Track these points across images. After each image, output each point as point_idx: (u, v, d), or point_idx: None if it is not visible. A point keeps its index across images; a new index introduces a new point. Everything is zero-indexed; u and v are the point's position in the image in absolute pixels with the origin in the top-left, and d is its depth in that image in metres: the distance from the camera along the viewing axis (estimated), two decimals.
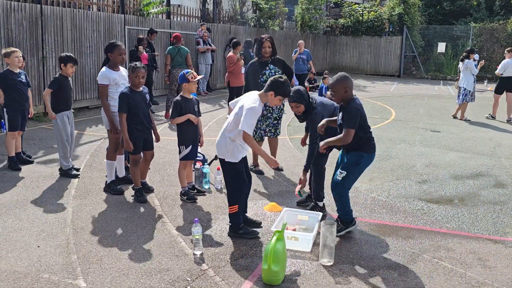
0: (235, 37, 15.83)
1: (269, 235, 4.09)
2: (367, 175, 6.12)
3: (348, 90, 3.85)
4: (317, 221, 4.07)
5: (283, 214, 4.22)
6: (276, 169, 5.99)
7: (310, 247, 3.83)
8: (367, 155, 4.00)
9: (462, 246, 4.04)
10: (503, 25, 21.73)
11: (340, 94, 3.86)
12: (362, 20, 23.48)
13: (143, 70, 4.86)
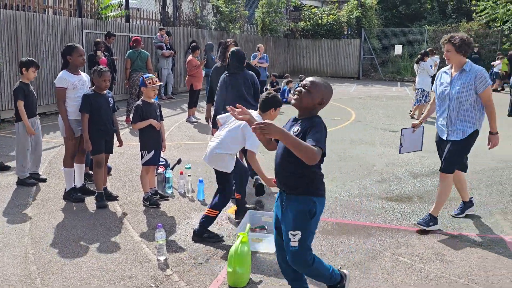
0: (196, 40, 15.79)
1: (234, 238, 4.09)
2: (329, 176, 6.24)
3: (324, 103, 2.90)
4: None
5: (247, 216, 4.24)
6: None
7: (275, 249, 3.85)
8: (320, 199, 2.86)
9: (421, 242, 4.18)
10: (455, 28, 22.61)
11: (314, 100, 2.82)
12: (321, 23, 23.89)
13: (109, 73, 4.90)
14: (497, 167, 6.89)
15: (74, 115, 4.95)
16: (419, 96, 11.21)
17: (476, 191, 5.70)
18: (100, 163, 4.93)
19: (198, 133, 9.04)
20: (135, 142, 6.17)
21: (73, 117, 4.96)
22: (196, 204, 5.12)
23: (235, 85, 5.25)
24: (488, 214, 4.94)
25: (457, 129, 4.41)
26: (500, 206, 5.17)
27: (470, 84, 4.25)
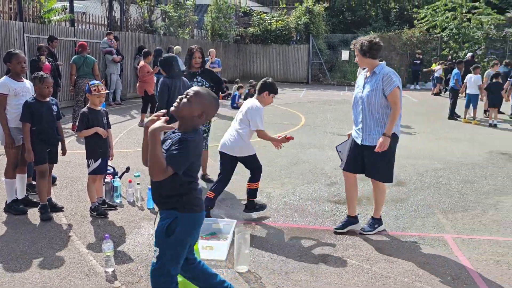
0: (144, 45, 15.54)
1: None
2: (279, 180, 6.32)
3: (204, 117, 2.62)
4: (232, 229, 4.10)
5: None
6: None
7: (226, 255, 3.85)
8: (187, 216, 2.63)
9: (368, 243, 4.30)
10: (398, 34, 23.54)
11: (192, 111, 2.59)
12: (270, 29, 24.16)
13: (51, 79, 4.72)
14: (439, 168, 7.21)
15: (15, 123, 4.73)
16: None
17: (419, 192, 5.94)
18: (43, 174, 4.73)
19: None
20: (82, 150, 5.96)
21: (13, 125, 4.74)
22: (146, 213, 5.02)
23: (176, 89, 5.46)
24: (431, 213, 5.16)
25: (373, 134, 4.24)
26: (441, 206, 5.42)
27: (378, 86, 4.14)
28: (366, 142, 4.28)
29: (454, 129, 10.90)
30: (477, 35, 21.75)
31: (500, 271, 3.78)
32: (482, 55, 21.56)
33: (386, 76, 4.11)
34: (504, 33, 21.33)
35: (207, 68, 6.11)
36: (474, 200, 5.65)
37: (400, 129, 4.37)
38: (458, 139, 9.57)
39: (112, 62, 13.25)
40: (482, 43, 21.72)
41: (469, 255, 4.07)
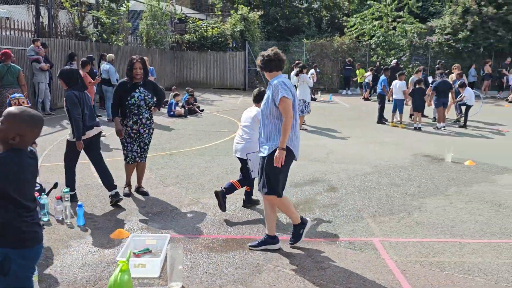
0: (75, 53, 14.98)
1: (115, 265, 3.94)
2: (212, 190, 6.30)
3: (21, 138, 2.39)
4: (165, 244, 4.04)
5: (129, 241, 4.11)
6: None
7: (159, 272, 3.79)
8: (19, 252, 2.40)
9: (302, 251, 4.40)
10: (330, 42, 24.35)
11: (7, 134, 2.38)
12: (207, 35, 24.13)
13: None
14: (368, 172, 7.52)
15: None
16: (301, 107, 11.83)
17: (350, 197, 6.16)
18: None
19: None
20: None
21: None
22: (76, 230, 4.83)
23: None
24: (360, 218, 5.37)
25: (265, 145, 4.22)
26: (370, 210, 5.65)
27: (269, 97, 4.18)
28: (261, 154, 4.29)
29: (382, 133, 11.43)
30: (402, 42, 22.97)
31: (424, 272, 4.01)
32: (407, 61, 22.79)
33: (274, 86, 4.14)
34: (425, 41, 22.69)
35: (150, 79, 5.97)
36: (400, 203, 5.95)
37: (293, 142, 4.20)
38: (386, 143, 10.05)
39: (40, 70, 12.62)
40: (407, 50, 22.97)
41: (396, 258, 4.27)
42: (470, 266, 4.14)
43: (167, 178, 6.93)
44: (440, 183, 6.91)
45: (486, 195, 6.35)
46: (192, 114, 14.35)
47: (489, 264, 4.19)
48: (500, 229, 5.09)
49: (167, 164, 7.81)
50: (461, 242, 4.71)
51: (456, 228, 5.09)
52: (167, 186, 6.48)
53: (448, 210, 5.68)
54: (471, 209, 5.73)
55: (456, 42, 21.99)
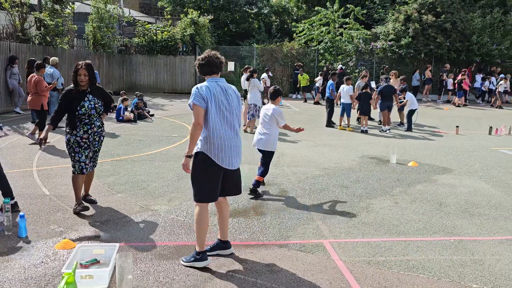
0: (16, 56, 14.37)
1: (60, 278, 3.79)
2: (166, 196, 6.22)
3: None
4: (114, 254, 3.94)
5: (76, 251, 3.97)
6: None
7: (107, 283, 3.69)
8: None
9: (253, 255, 4.42)
10: (280, 47, 24.68)
11: None
12: (156, 39, 23.80)
13: None
14: (318, 174, 7.68)
15: None
16: (252, 111, 11.91)
17: (301, 199, 6.26)
18: None
19: (21, 160, 8.16)
20: None
21: None
22: (18, 242, 4.60)
23: None
24: (311, 220, 5.46)
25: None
26: (320, 212, 5.77)
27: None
28: None
29: (331, 136, 11.70)
30: (348, 48, 23.64)
31: (371, 271, 4.14)
32: (354, 66, 23.48)
33: (192, 90, 4.07)
34: (371, 47, 23.48)
35: (98, 85, 5.75)
36: (348, 204, 6.11)
37: (216, 150, 4.06)
38: (335, 146, 10.30)
39: None
40: (353, 55, 23.67)
41: (345, 258, 4.38)
42: (414, 264, 4.31)
43: (116, 185, 6.76)
44: (386, 184, 7.16)
45: (428, 194, 6.65)
46: (142, 119, 14.09)
47: (432, 261, 4.39)
48: (441, 227, 5.33)
49: (116, 170, 7.62)
50: (406, 240, 4.90)
51: (401, 227, 5.29)
52: (115, 194, 6.32)
53: (394, 210, 5.89)
54: (415, 209, 5.98)
55: (399, 48, 22.90)
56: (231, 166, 4.17)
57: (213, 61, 4.15)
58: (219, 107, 4.06)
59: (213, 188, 4.13)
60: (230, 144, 4.13)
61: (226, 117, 4.10)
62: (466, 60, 23.30)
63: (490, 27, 23.18)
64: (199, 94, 4.00)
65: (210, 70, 4.17)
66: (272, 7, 29.80)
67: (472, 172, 8.10)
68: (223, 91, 4.14)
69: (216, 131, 4.05)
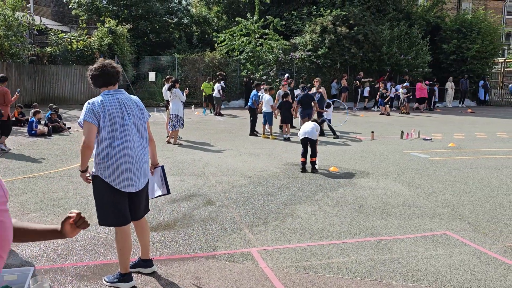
0: None
1: None
2: (85, 213, 5.91)
3: None
4: (28, 279, 3.65)
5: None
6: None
7: None
8: None
9: (180, 269, 4.32)
10: (201, 57, 24.64)
11: None
12: (71, 49, 22.73)
13: None
14: (243, 183, 7.71)
15: None
16: (174, 121, 11.72)
17: (227, 209, 6.24)
18: None
19: None
20: None
21: None
22: None
23: None
24: (238, 229, 5.46)
25: None
26: (247, 220, 5.79)
27: None
28: None
29: (255, 145, 11.83)
30: (269, 58, 24.17)
31: (299, 276, 4.21)
32: (274, 76, 24.04)
33: (84, 106, 3.76)
34: (290, 57, 24.20)
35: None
36: (274, 211, 6.19)
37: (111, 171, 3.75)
38: (259, 154, 10.43)
39: None
40: (274, 65, 24.23)
41: (272, 266, 4.42)
42: (339, 266, 4.45)
43: (29, 204, 6.31)
44: (309, 190, 7.36)
45: (349, 197, 6.92)
46: (57, 132, 13.33)
47: (355, 262, 4.56)
48: (362, 228, 5.57)
49: (29, 188, 7.12)
50: (330, 244, 5.05)
51: (325, 231, 5.45)
52: (29, 213, 5.90)
53: (318, 215, 6.06)
54: (337, 212, 6.20)
55: (317, 58, 23.81)
56: (133, 188, 3.80)
57: (108, 71, 3.80)
58: (115, 123, 3.68)
59: (117, 212, 3.79)
60: (130, 164, 3.75)
61: (125, 134, 3.72)
62: (378, 69, 24.77)
63: (397, 39, 24.85)
64: (91, 110, 3.64)
65: (106, 81, 3.80)
66: (192, 17, 29.69)
67: (388, 174, 8.58)
68: (122, 105, 3.77)
69: (111, 151, 3.68)
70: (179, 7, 29.65)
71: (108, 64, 3.85)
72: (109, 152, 3.69)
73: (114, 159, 3.70)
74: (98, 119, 3.65)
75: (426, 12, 28.27)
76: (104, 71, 3.80)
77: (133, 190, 3.81)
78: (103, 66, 3.81)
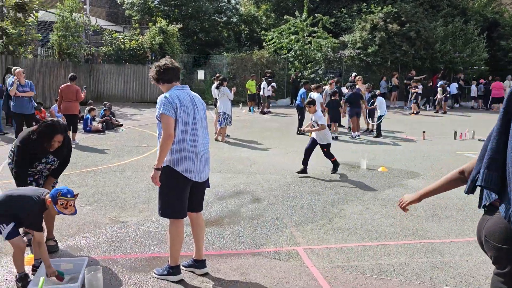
0: None
1: None
2: (136, 207, 6.11)
3: None
4: (83, 268, 3.82)
5: (42, 267, 3.82)
6: None
7: None
8: None
9: (227, 264, 4.38)
10: (249, 55, 24.78)
11: None
12: (124, 48, 23.51)
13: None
14: (290, 182, 7.69)
15: None
16: (221, 119, 11.87)
17: (274, 207, 6.25)
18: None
19: None
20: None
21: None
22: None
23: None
24: (284, 227, 5.46)
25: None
26: (293, 219, 5.77)
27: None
28: None
29: (302, 143, 11.75)
30: (317, 56, 23.96)
31: (345, 276, 4.15)
32: (323, 74, 23.81)
33: (159, 100, 3.87)
34: (339, 55, 23.88)
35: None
36: (321, 210, 6.14)
37: (183, 162, 3.86)
38: None
39: None
40: (322, 63, 24.00)
41: (318, 265, 4.39)
42: (387, 268, 4.36)
43: (84, 197, 6.58)
44: (357, 190, 7.24)
45: (398, 198, 6.70)
46: (110, 129, 13.84)
47: (404, 264, 4.44)
48: (412, 230, 5.42)
49: (84, 182, 7.44)
50: (377, 245, 4.95)
51: (373, 232, 5.34)
52: (84, 206, 6.16)
53: (365, 215, 5.96)
54: (386, 213, 6.06)
55: (366, 56, 23.36)
56: (201, 178, 3.99)
57: (175, 66, 4.04)
58: (187, 117, 3.86)
59: (180, 204, 3.94)
60: (199, 155, 3.93)
61: (194, 127, 3.90)
62: (430, 68, 23.96)
63: (452, 36, 23.94)
64: (168, 103, 3.79)
65: (174, 76, 4.00)
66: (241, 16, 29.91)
67: (439, 176, 8.26)
68: (192, 99, 4.00)
69: (184, 143, 3.85)
70: (228, 6, 29.96)
71: (172, 62, 4.07)
72: (182, 143, 3.85)
73: (186, 150, 3.86)
74: (175, 112, 3.81)
75: (483, 8, 27.05)
76: (173, 66, 4.02)
77: (201, 180, 4.00)
78: (171, 63, 4.04)
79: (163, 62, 4.04)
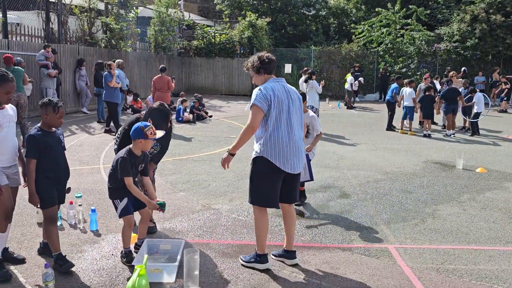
0: (84, 58, 15.15)
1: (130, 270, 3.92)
2: (227, 196, 6.30)
3: None
4: (180, 249, 4.02)
5: (144, 246, 4.09)
6: None
7: (174, 277, 3.77)
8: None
9: (316, 257, 4.37)
10: (338, 49, 24.36)
11: None
12: (214, 42, 24.23)
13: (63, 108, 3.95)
14: (379, 178, 7.48)
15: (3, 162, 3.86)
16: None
17: (363, 203, 6.12)
18: (53, 219, 3.97)
19: (88, 157, 8.56)
20: None
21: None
22: (89, 235, 4.82)
23: None
24: (374, 224, 5.33)
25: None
26: (384, 216, 5.61)
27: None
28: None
29: (392, 140, 11.37)
30: (410, 50, 22.93)
31: (441, 279, 3.96)
32: (415, 69, 22.75)
33: (254, 92, 3.93)
34: (434, 48, 22.64)
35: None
36: (413, 209, 5.90)
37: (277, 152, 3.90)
38: (396, 150, 10.00)
39: (48, 76, 12.68)
40: (415, 57, 22.92)
41: (412, 265, 4.23)
42: (487, 273, 4.09)
43: (178, 183, 6.92)
44: (453, 190, 6.85)
45: (499, 202, 6.29)
46: (200, 120, 14.38)
47: (507, 271, 4.14)
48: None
49: (178, 169, 7.81)
50: (476, 249, 4.66)
51: (471, 235, 5.04)
52: (178, 192, 6.48)
53: (462, 217, 5.63)
54: (485, 216, 5.68)
55: (464, 49, 21.93)
56: (293, 170, 3.99)
57: (275, 60, 4.14)
58: (282, 109, 3.88)
59: (272, 195, 3.98)
60: (292, 147, 3.95)
61: (289, 120, 3.92)
62: None
63: None
64: (262, 96, 3.85)
65: (273, 68, 4.08)
66: (330, 8, 29.44)
67: None
68: (286, 93, 4.00)
69: (277, 134, 3.88)
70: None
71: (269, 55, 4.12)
72: (276, 134, 3.90)
73: (280, 141, 3.89)
74: (268, 105, 3.87)
75: None
76: (274, 59, 4.10)
77: (293, 171, 4.00)
78: (269, 55, 4.09)
79: (262, 54, 4.10)
